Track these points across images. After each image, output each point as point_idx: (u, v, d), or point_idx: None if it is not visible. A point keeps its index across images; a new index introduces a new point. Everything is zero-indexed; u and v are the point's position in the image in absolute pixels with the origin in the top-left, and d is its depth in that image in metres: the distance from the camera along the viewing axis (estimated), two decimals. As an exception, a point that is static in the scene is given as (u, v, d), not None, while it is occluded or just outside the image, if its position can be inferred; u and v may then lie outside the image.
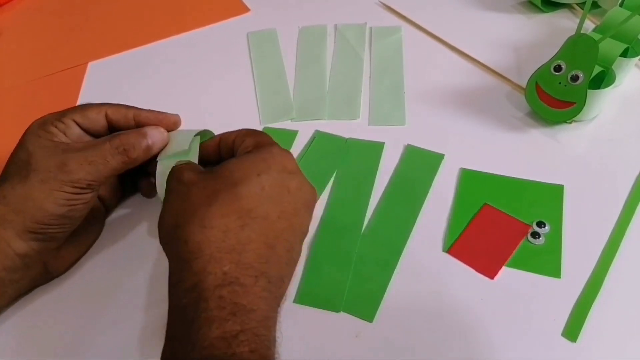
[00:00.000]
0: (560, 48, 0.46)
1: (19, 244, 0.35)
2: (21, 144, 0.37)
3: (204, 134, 0.41)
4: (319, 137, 0.49)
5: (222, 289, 0.29)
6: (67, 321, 0.38)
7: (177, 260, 0.31)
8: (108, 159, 0.36)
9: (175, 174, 0.35)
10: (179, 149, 0.39)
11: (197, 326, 0.28)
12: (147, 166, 0.40)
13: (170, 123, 0.41)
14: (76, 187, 0.35)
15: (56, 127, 0.37)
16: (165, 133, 0.40)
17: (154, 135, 0.39)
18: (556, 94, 0.47)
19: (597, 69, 0.45)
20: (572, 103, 0.46)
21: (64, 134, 0.37)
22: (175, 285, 0.31)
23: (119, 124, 0.40)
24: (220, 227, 0.31)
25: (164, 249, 0.34)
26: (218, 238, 0.31)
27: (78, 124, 0.38)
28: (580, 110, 0.46)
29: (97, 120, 0.39)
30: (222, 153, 0.39)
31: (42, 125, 0.37)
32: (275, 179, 0.34)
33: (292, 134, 0.50)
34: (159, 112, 0.41)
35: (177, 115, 0.41)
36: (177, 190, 0.34)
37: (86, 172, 0.35)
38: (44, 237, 0.36)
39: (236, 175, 0.33)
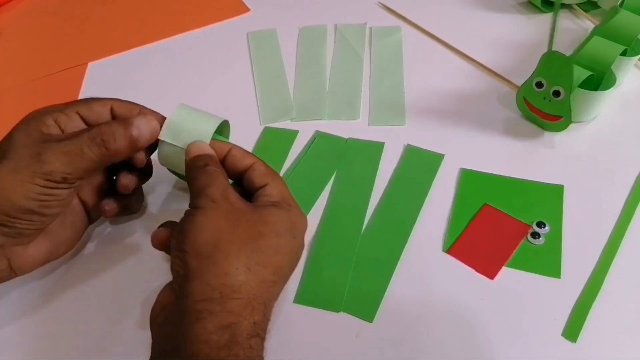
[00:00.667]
0: (537, 64, 0.46)
1: None
2: (11, 131, 0.34)
3: (221, 127, 0.39)
4: (319, 138, 0.49)
5: (252, 339, 0.29)
6: (68, 322, 0.38)
7: (210, 286, 0.30)
8: (85, 150, 0.33)
9: (215, 183, 0.33)
10: (195, 134, 0.36)
11: None
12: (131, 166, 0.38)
13: None
14: (49, 181, 0.32)
15: (56, 118, 0.35)
16: (155, 123, 0.36)
17: (141, 126, 0.35)
18: (543, 108, 0.47)
19: (586, 74, 0.45)
20: (559, 117, 0.46)
21: (63, 126, 0.35)
22: (201, 313, 0.29)
23: (123, 117, 0.37)
24: (260, 275, 0.31)
25: (185, 258, 0.31)
26: (256, 286, 0.31)
27: (82, 117, 0.36)
28: (568, 124, 0.46)
29: (102, 114, 0.37)
30: (226, 167, 0.37)
31: (39, 115, 0.35)
32: (298, 245, 0.35)
33: (292, 134, 0.50)
34: (163, 116, 0.38)
35: (153, 119, 0.37)
36: (223, 208, 0.32)
37: (60, 162, 0.32)
38: (9, 230, 0.33)
39: (279, 227, 0.33)
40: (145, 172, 0.41)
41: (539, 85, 0.46)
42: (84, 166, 0.34)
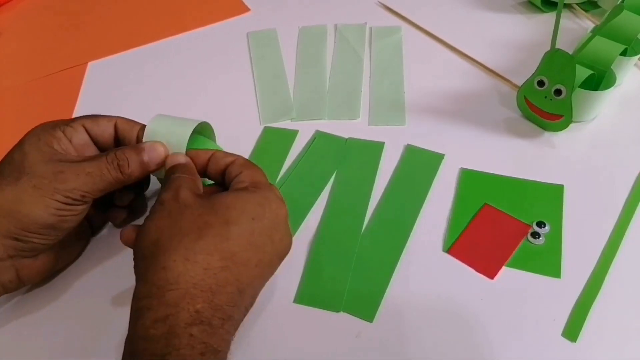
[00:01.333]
0: (540, 63, 0.46)
1: None
2: (20, 144, 0.36)
3: (201, 129, 0.40)
4: (319, 138, 0.49)
5: (193, 327, 0.29)
6: (63, 326, 0.38)
7: (149, 283, 0.30)
8: (104, 173, 0.35)
9: (172, 186, 0.34)
10: (173, 140, 0.37)
11: None
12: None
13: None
14: (69, 198, 0.34)
15: (63, 131, 0.36)
16: (163, 150, 0.38)
17: (151, 152, 0.37)
18: (544, 107, 0.47)
19: (587, 73, 0.45)
20: (560, 116, 0.46)
21: (70, 139, 0.36)
22: (141, 310, 0.29)
23: (125, 136, 0.39)
24: (202, 263, 0.31)
25: (136, 262, 0.32)
26: (197, 274, 0.30)
27: (87, 130, 0.38)
28: (569, 123, 0.46)
29: (107, 129, 0.38)
30: (208, 170, 0.38)
31: (48, 128, 0.36)
32: (265, 227, 0.33)
33: (292, 134, 0.50)
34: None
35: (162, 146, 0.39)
36: (169, 207, 0.33)
37: (82, 182, 0.34)
38: (24, 246, 0.34)
39: (231, 213, 0.33)
40: (141, 184, 0.43)
41: (541, 83, 0.45)
42: (101, 187, 0.36)
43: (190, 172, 0.36)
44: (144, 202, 0.45)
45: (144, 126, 0.39)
